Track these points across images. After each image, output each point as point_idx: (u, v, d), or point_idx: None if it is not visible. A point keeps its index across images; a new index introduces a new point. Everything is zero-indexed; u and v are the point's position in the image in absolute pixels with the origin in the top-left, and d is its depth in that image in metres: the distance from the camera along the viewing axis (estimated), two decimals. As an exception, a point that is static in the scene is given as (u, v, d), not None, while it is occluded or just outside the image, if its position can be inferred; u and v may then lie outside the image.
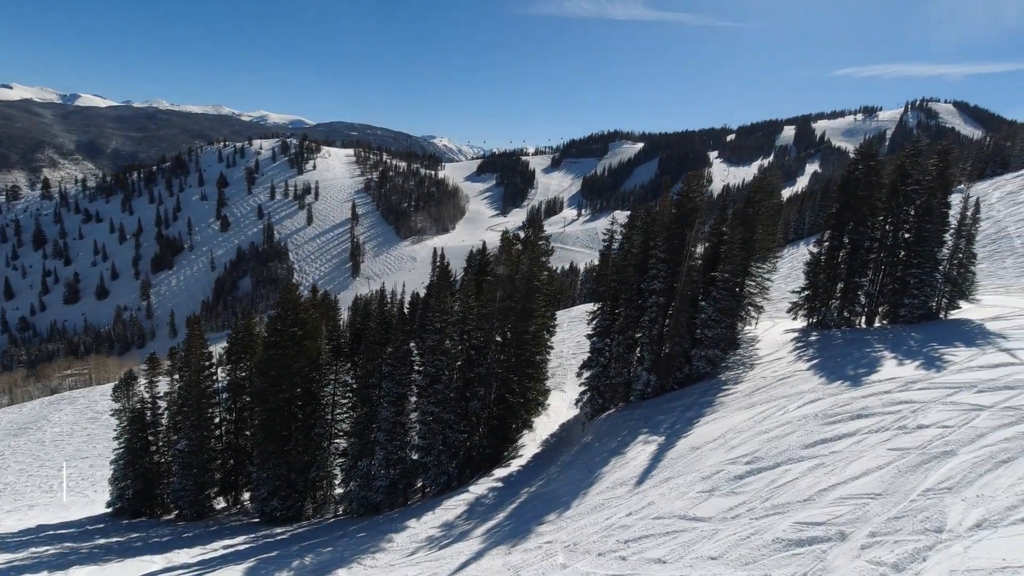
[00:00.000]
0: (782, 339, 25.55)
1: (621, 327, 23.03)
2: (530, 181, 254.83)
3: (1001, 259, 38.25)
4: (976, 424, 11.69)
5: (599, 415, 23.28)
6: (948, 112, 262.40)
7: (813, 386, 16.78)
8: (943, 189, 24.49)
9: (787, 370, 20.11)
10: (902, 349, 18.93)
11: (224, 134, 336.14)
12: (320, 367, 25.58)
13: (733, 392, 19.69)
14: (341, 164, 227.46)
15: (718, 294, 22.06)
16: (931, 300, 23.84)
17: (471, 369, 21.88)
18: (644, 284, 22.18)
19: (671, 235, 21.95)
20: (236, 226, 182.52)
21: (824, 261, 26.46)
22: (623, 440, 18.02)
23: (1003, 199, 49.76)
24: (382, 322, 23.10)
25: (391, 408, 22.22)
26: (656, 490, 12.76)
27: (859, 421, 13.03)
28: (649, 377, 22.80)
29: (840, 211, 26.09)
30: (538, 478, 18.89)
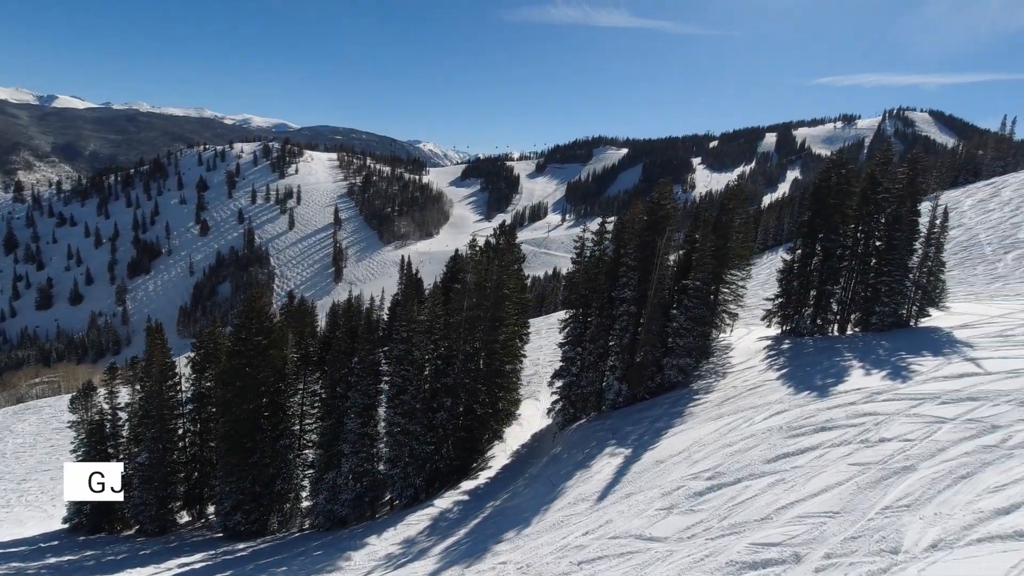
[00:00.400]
0: (755, 347, 25.43)
1: (592, 336, 22.71)
2: (515, 186, 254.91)
3: (972, 266, 38.68)
4: (937, 437, 11.51)
5: (570, 425, 22.91)
6: (924, 121, 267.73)
7: (780, 396, 16.57)
8: (913, 197, 24.58)
9: (757, 379, 19.93)
10: (870, 358, 18.84)
11: (206, 137, 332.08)
12: (286, 377, 24.91)
13: (703, 402, 19.44)
14: (324, 168, 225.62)
15: (690, 302, 21.84)
16: (901, 308, 23.87)
17: (438, 379, 21.39)
18: (615, 292, 21.90)
19: (642, 243, 21.71)
20: (216, 230, 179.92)
21: (797, 269, 26.43)
22: (590, 452, 17.66)
23: (974, 207, 50.50)
24: (348, 331, 22.52)
25: (357, 419, 21.65)
26: (616, 507, 12.39)
27: (823, 434, 12.80)
28: (620, 386, 22.49)
29: (812, 219, 26.08)
30: (504, 491, 18.44)
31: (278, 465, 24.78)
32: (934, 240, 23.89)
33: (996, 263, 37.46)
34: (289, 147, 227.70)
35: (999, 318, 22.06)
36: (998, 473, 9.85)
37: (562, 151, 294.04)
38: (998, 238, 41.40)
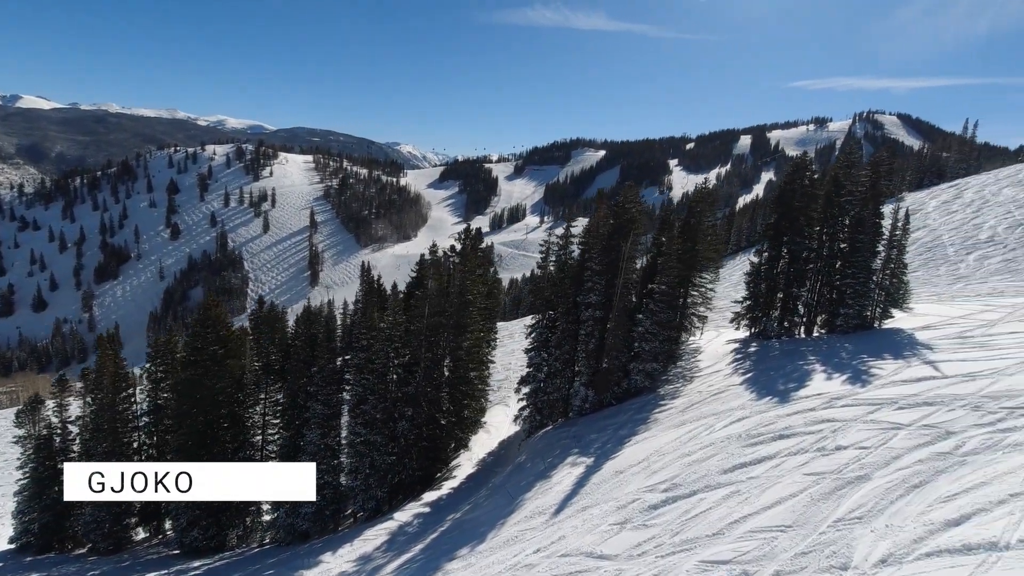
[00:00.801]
0: (723, 350, 25.38)
1: (558, 341, 22.38)
2: (493, 188, 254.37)
3: (935, 267, 39.35)
4: (893, 444, 11.38)
5: (537, 432, 22.53)
6: (893, 124, 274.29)
7: (743, 402, 16.40)
8: (875, 200, 24.76)
9: (722, 384, 19.79)
10: (833, 362, 18.82)
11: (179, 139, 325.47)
12: (245, 387, 24.08)
13: (668, 408, 19.22)
14: (299, 171, 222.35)
15: (655, 307, 21.63)
16: (866, 310, 23.99)
17: (400, 388, 20.82)
18: (581, 297, 21.59)
19: (607, 247, 21.45)
20: (187, 234, 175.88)
21: (764, 272, 26.46)
22: (552, 462, 17.28)
23: (938, 208, 51.52)
24: (307, 339, 21.83)
25: (318, 430, 20.97)
26: (571, 521, 12.02)
27: (781, 442, 12.60)
28: (587, 392, 22.19)
29: (778, 222, 26.14)
30: (466, 503, 17.97)
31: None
32: (896, 242, 24.09)
33: (958, 263, 38.15)
34: (263, 149, 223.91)
35: (959, 319, 22.29)
36: (950, 482, 9.71)
37: (540, 153, 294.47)
38: (960, 239, 42.21)
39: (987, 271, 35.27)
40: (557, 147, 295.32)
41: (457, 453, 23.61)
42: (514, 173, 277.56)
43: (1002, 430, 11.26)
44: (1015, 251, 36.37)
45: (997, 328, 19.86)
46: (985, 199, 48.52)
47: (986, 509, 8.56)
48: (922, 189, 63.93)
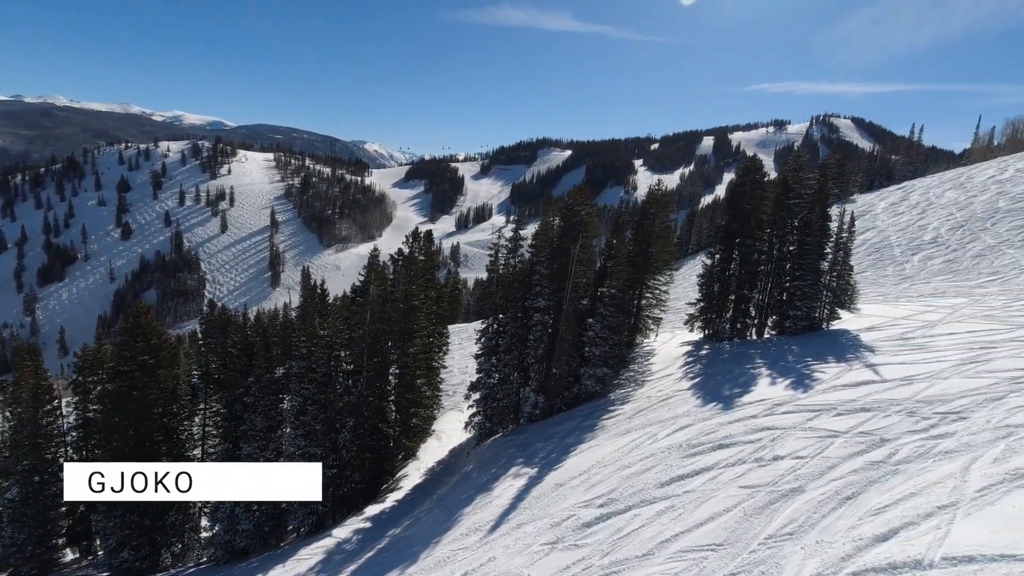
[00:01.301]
0: (676, 352, 25.29)
1: (507, 346, 21.86)
2: (459, 188, 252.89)
3: (883, 267, 40.39)
4: (828, 454, 11.22)
5: (486, 440, 21.97)
6: (847, 127, 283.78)
7: (688, 409, 16.18)
8: (823, 203, 25.04)
9: (671, 389, 19.60)
10: (779, 365, 18.81)
11: (132, 135, 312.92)
12: (180, 398, 22.79)
13: (617, 414, 18.91)
14: (259, 169, 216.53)
15: (605, 311, 21.33)
16: (814, 311, 24.22)
17: (341, 398, 19.96)
18: (529, 302, 21.11)
19: (556, 250, 21.02)
20: (140, 234, 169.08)
21: (716, 274, 26.50)
22: (496, 473, 16.76)
23: (886, 209, 53.07)
24: (244, 347, 20.74)
25: (254, 443, 19.92)
26: (504, 540, 11.49)
27: (720, 452, 12.34)
28: (537, 398, 21.75)
29: (729, 224, 26.22)
30: (407, 517, 17.27)
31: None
32: (842, 245, 24.41)
33: (904, 264, 39.23)
34: (221, 146, 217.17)
35: (902, 320, 22.68)
36: (881, 493, 9.56)
37: (507, 152, 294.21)
38: (907, 240, 43.48)
39: (930, 271, 36.33)
40: (523, 147, 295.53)
41: (405, 463, 22.87)
42: (480, 173, 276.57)
43: (934, 436, 11.22)
44: (956, 252, 37.57)
45: (937, 329, 20.22)
46: (929, 201, 50.17)
47: (914, 523, 8.38)
48: (872, 191, 65.89)
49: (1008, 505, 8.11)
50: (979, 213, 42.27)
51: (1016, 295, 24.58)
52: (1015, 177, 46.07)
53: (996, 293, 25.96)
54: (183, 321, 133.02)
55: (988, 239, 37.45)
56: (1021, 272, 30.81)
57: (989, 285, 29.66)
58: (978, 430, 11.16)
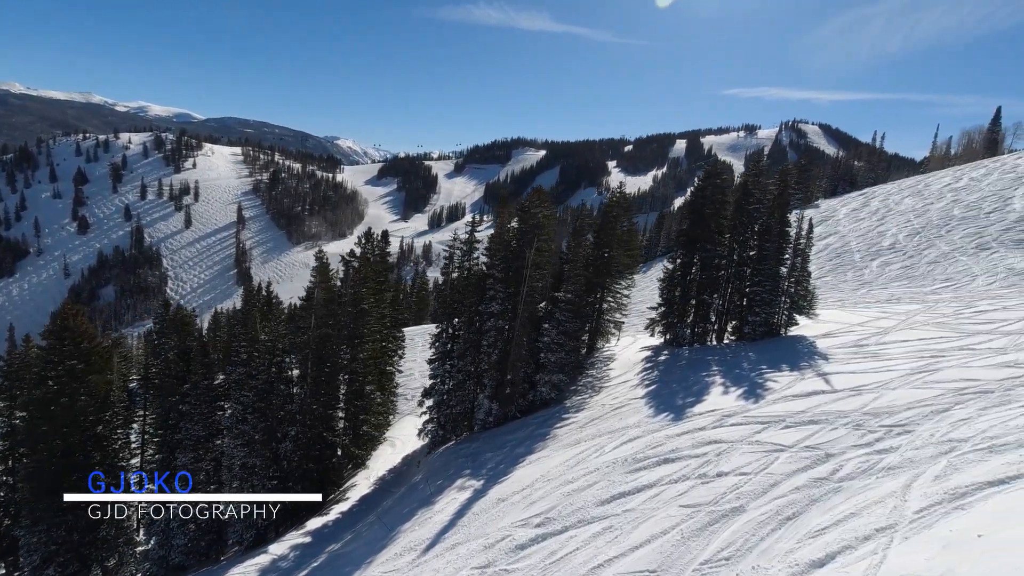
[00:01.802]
0: (636, 358, 24.99)
1: (461, 352, 21.21)
2: (432, 186, 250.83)
3: (843, 273, 40.94)
4: (772, 470, 10.89)
5: (438, 448, 21.29)
6: (815, 133, 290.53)
7: (639, 419, 15.77)
8: (782, 208, 25.00)
9: (626, 397, 19.21)
10: (734, 373, 18.58)
11: (94, 125, 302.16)
12: (113, 405, 21.51)
13: (570, 423, 18.43)
14: (227, 163, 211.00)
15: (561, 316, 20.83)
16: (772, 317, 24.15)
17: (282, 406, 19.03)
18: (483, 306, 20.48)
19: (511, 253, 20.44)
20: (98, 228, 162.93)
21: (677, 278, 26.27)
22: (441, 485, 16.11)
23: (848, 215, 54.00)
24: (180, 352, 19.62)
25: (191, 453, 18.85)
26: (435, 562, 10.86)
27: (665, 467, 11.92)
28: (491, 406, 21.14)
29: (690, 229, 26.03)
30: (349, 531, 16.50)
31: (103, 508, 21.32)
32: (800, 250, 24.40)
33: (863, 269, 39.83)
34: (186, 139, 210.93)
35: (858, 326, 22.78)
36: (822, 513, 9.23)
37: (481, 152, 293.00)
38: (866, 246, 44.20)
39: (888, 277, 36.93)
40: (498, 146, 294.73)
41: (355, 472, 22.02)
42: (454, 171, 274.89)
43: (878, 451, 11.00)
44: (912, 258, 38.28)
45: (890, 336, 20.31)
46: (889, 208, 51.19)
47: (852, 547, 8.04)
48: (836, 196, 67.13)
49: (945, 529, 7.82)
50: (935, 220, 43.22)
51: (967, 302, 24.93)
52: (969, 186, 47.28)
53: (948, 300, 26.33)
54: (143, 319, 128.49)
55: (943, 246, 38.25)
56: (973, 279, 31.43)
57: (942, 291, 30.17)
58: (922, 444, 10.97)
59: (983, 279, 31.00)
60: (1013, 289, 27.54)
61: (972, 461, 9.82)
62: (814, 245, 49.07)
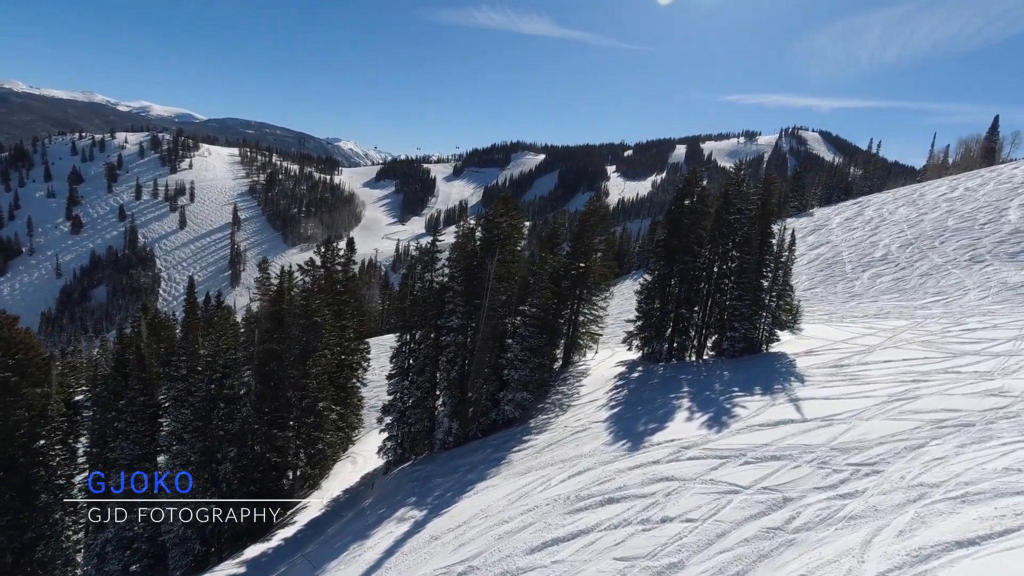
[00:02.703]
0: (610, 374, 23.92)
1: (420, 367, 20.11)
2: (430, 189, 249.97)
3: (833, 284, 39.84)
4: (723, 516, 9.78)
5: (395, 468, 20.18)
6: (815, 140, 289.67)
7: (595, 447, 14.67)
8: (765, 219, 23.94)
9: (589, 419, 18.11)
10: (703, 396, 17.49)
11: (95, 124, 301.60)
12: (52, 420, 20.39)
13: (529, 446, 17.33)
14: (223, 164, 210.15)
15: (525, 331, 19.73)
16: (752, 333, 23.06)
17: (222, 425, 17.92)
18: (442, 320, 19.38)
19: (474, 265, 19.36)
20: (91, 228, 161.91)
21: (654, 291, 25.17)
22: (383, 515, 15.01)
23: (841, 224, 52.92)
24: (118, 364, 18.53)
25: (127, 473, 17.72)
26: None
27: (607, 509, 10.81)
28: (451, 424, 20.04)
29: (668, 239, 24.95)
30: (284, 563, 15.37)
31: (40, 527, 20.20)
32: (782, 263, 23.31)
33: (854, 281, 38.71)
34: (183, 139, 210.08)
35: (842, 343, 21.75)
36: (770, 572, 8.13)
37: (480, 155, 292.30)
38: (858, 256, 43.10)
39: (878, 289, 35.82)
40: (497, 149, 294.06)
41: (309, 492, 20.89)
42: (453, 174, 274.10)
43: (842, 495, 9.91)
44: (904, 270, 37.18)
45: (873, 356, 19.28)
46: (883, 217, 50.10)
47: (796, 622, 6.94)
48: (830, 204, 66.03)
49: (901, 606, 6.73)
50: (929, 231, 42.13)
51: (956, 318, 23.87)
52: (964, 196, 46.23)
53: (938, 316, 25.25)
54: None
55: (936, 258, 37.16)
56: (964, 293, 30.33)
57: (933, 306, 29.08)
58: (890, 488, 9.88)
59: (975, 293, 29.89)
60: (1005, 305, 26.45)
61: (942, 513, 8.73)
62: (805, 255, 48.13)
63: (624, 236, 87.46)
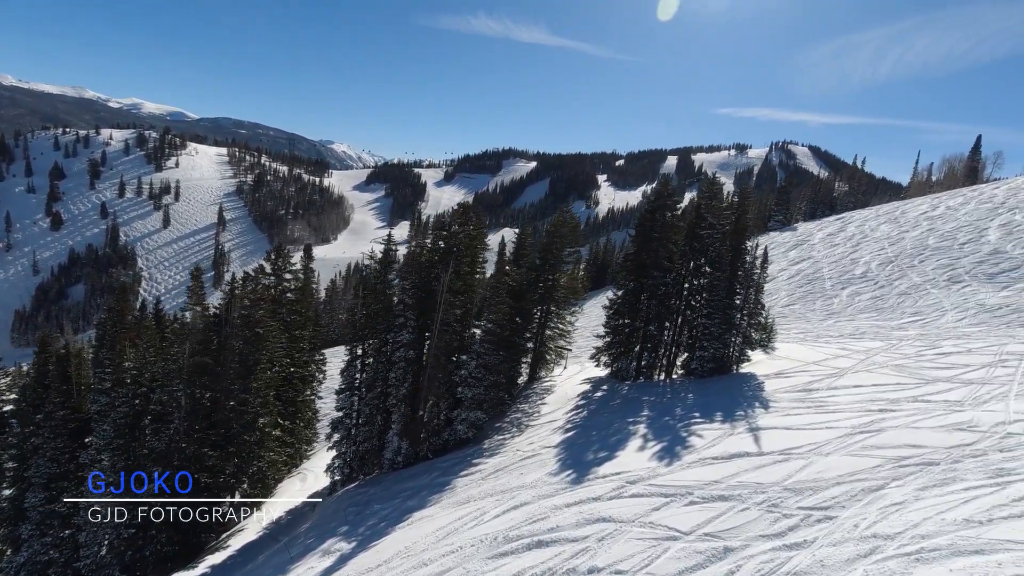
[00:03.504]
0: (573, 392, 22.98)
1: (370, 383, 19.04)
2: (421, 194, 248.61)
3: (812, 300, 39.26)
4: (655, 568, 8.83)
5: (340, 489, 19.06)
6: (804, 154, 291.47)
7: (538, 478, 13.67)
8: (739, 235, 23.18)
9: (544, 442, 17.13)
10: (661, 421, 16.56)
11: (85, 120, 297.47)
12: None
13: (475, 472, 16.30)
14: (211, 163, 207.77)
15: (481, 347, 18.74)
16: (720, 352, 22.18)
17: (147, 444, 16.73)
18: (391, 335, 18.34)
19: (426, 277, 18.36)
20: (72, 225, 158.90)
21: (623, 307, 24.26)
22: (310, 545, 13.93)
23: (823, 240, 52.54)
24: (38, 375, 17.30)
25: (42, 493, 16.48)
26: None
27: (534, 554, 9.81)
28: (401, 444, 18.94)
29: (638, 254, 24.11)
30: (203, 599, 14.23)
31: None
32: (754, 282, 22.52)
33: (833, 299, 38.15)
34: (170, 137, 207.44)
35: (814, 364, 21.01)
36: (696, 644, 7.16)
37: (472, 161, 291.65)
38: (838, 273, 42.60)
39: (857, 308, 35.23)
40: (489, 156, 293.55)
41: (249, 513, 19.67)
42: (444, 180, 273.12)
43: (788, 545, 8.99)
44: (883, 288, 36.67)
45: (843, 380, 18.50)
46: (864, 234, 49.75)
47: None
48: (815, 219, 65.79)
49: None
50: (909, 249, 41.74)
51: (932, 341, 23.21)
52: (945, 215, 45.96)
53: (913, 338, 24.58)
54: None
55: (915, 277, 36.68)
56: (942, 314, 29.78)
57: (909, 327, 28.48)
58: (841, 539, 8.96)
59: (952, 314, 29.34)
60: (981, 328, 25.88)
61: (892, 573, 7.82)
62: (787, 270, 47.59)
63: (608, 246, 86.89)
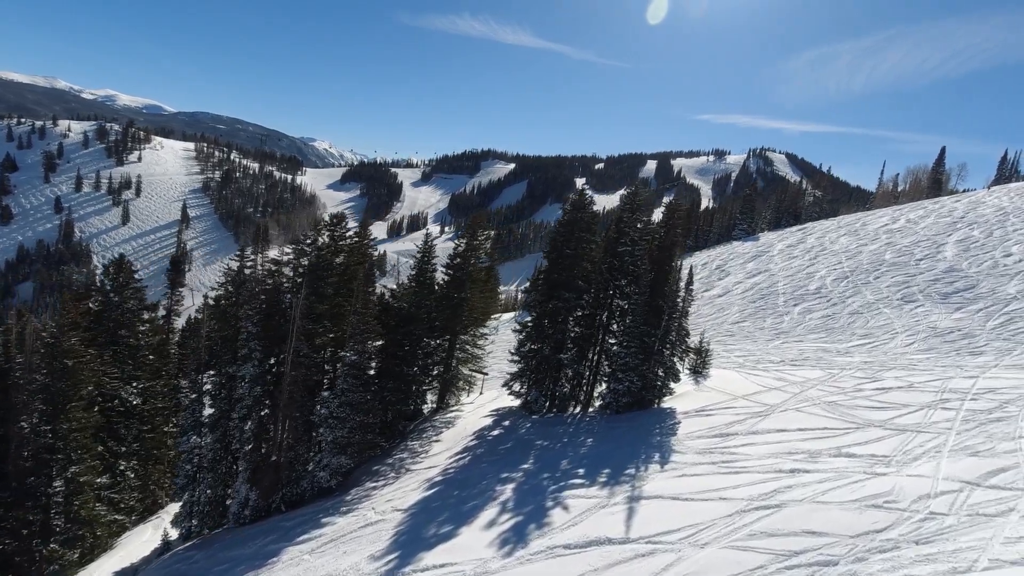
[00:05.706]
0: (472, 428, 20.42)
1: (213, 422, 16.13)
2: (397, 194, 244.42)
3: (763, 318, 37.16)
4: None
5: (174, 547, 16.12)
6: (781, 161, 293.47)
7: (358, 561, 10.96)
8: (665, 252, 20.71)
9: (401, 501, 14.44)
10: (536, 480, 13.94)
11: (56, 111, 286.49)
12: None
13: (315, 536, 13.53)
14: (176, 159, 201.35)
15: (344, 384, 15.94)
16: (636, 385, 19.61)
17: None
18: (234, 368, 15.47)
19: (275, 301, 15.52)
20: (22, 219, 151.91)
21: (533, 332, 21.64)
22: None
23: (782, 252, 50.70)
24: None
25: None
26: None
27: None
28: (249, 494, 16.05)
29: (550, 272, 21.51)
30: None
31: None
32: (676, 307, 20.00)
33: (784, 316, 36.08)
34: (133, 131, 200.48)
35: (742, 400, 18.73)
36: None
37: (450, 161, 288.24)
38: (792, 288, 40.61)
39: (807, 327, 33.16)
40: (467, 157, 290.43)
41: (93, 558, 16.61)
42: (421, 180, 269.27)
43: None
44: (835, 306, 34.68)
45: (767, 421, 16.19)
46: (823, 246, 47.99)
47: None
48: (778, 229, 64.12)
49: None
50: (865, 264, 39.93)
51: (874, 370, 21.14)
52: (904, 228, 44.36)
53: (855, 367, 22.47)
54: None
55: (868, 294, 34.76)
56: (892, 337, 27.78)
57: (856, 351, 26.47)
58: None
59: (902, 338, 27.35)
60: (930, 356, 23.85)
61: None
62: (743, 283, 45.58)
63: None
